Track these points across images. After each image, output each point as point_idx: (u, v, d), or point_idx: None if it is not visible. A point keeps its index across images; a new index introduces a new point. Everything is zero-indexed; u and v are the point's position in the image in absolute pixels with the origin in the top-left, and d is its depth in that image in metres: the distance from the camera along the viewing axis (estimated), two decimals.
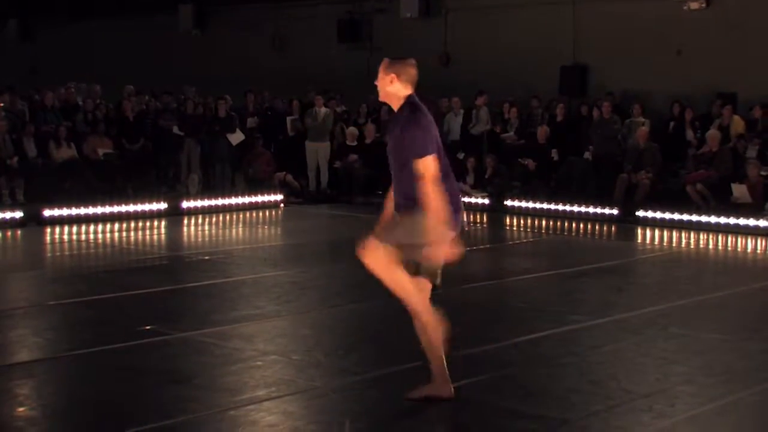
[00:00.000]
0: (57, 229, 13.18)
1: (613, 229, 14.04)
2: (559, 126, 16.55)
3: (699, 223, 13.63)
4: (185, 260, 11.28)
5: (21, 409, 5.67)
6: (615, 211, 14.53)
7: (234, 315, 8.05)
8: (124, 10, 23.88)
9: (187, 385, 6.03)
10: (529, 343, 7.24)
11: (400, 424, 5.51)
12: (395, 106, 5.68)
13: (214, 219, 14.69)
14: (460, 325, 7.90)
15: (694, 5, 16.47)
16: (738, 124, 15.17)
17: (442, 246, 5.59)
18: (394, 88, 5.65)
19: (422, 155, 5.44)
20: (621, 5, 17.37)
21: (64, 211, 13.71)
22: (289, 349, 7.04)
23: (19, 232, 13.01)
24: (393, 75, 5.63)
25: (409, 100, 5.64)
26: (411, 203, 5.55)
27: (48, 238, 12.77)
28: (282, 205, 16.09)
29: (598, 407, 5.68)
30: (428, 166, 5.43)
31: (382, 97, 5.74)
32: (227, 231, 13.96)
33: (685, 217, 13.80)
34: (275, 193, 16.18)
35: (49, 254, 12.15)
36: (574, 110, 17.15)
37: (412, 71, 5.67)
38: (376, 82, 5.71)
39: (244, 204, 15.60)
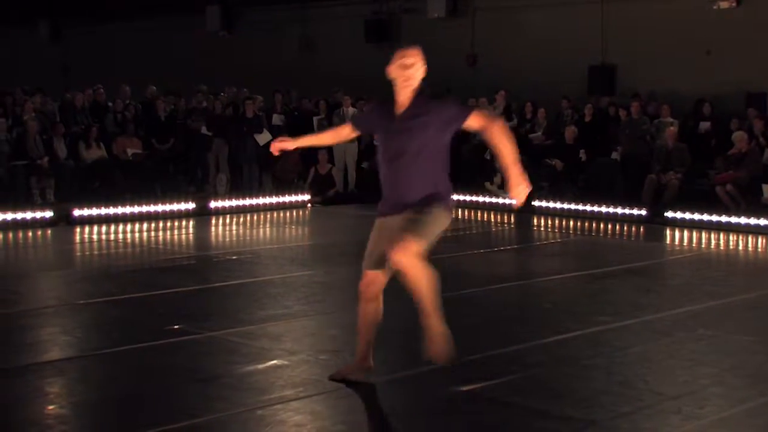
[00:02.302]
0: (87, 229, 13.28)
1: (641, 229, 13.96)
2: (587, 126, 16.48)
3: (729, 224, 13.53)
4: (213, 260, 11.33)
5: (51, 407, 5.71)
6: (643, 212, 14.45)
7: (262, 314, 8.08)
8: (152, 12, 24.01)
9: (215, 384, 6.06)
10: (556, 344, 7.21)
11: (426, 423, 5.50)
12: (407, 96, 5.76)
13: (241, 219, 14.74)
14: (487, 325, 7.93)
15: (724, 5, 16.35)
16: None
17: None
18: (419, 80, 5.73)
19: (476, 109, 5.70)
20: (650, 5, 17.28)
21: (94, 211, 13.82)
22: (316, 348, 7.05)
23: (49, 231, 13.12)
24: (425, 68, 5.75)
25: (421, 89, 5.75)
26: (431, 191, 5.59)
27: (78, 237, 12.88)
28: (309, 205, 16.14)
29: (627, 408, 5.65)
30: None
31: (408, 85, 5.76)
32: (255, 231, 14.01)
33: (715, 218, 13.70)
34: (303, 193, 16.23)
35: (78, 254, 12.24)
36: (603, 110, 17.07)
37: None
38: (409, 70, 5.74)
39: (271, 204, 15.66)
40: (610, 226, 14.16)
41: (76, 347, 7.14)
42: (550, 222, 14.73)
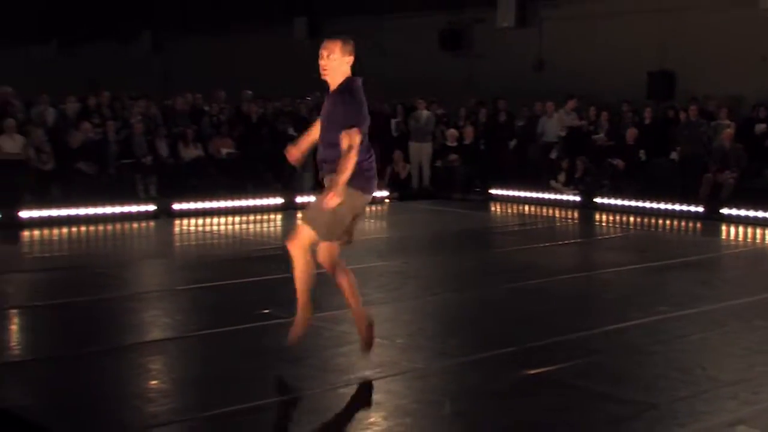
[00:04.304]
0: (185, 221, 13.47)
1: (698, 225, 13.67)
2: (647, 128, 16.21)
3: None
4: None
5: (154, 382, 5.81)
6: (700, 209, 14.15)
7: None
8: (245, 23, 24.26)
9: (301, 364, 6.09)
10: (618, 332, 7.10)
11: (496, 404, 5.46)
12: (335, 84, 5.68)
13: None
14: (553, 313, 7.85)
15: None
16: None
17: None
18: (346, 68, 5.71)
19: (350, 127, 5.49)
20: (707, 14, 16.89)
21: (192, 205, 14.01)
22: (393, 333, 7.04)
23: (152, 223, 13.35)
24: (350, 56, 5.71)
25: (351, 80, 5.71)
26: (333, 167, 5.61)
27: (177, 229, 13.06)
28: (387, 200, 16.15)
29: (685, 393, 5.54)
30: (355, 138, 5.48)
31: (328, 75, 5.69)
32: None
33: None
34: (380, 188, 16.25)
35: (178, 244, 12.43)
36: (661, 113, 16.77)
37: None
38: (322, 61, 5.66)
39: None
40: (668, 222, 13.90)
41: (176, 329, 7.25)
42: (611, 218, 14.51)
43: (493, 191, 16.59)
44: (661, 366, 6.15)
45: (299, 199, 15.10)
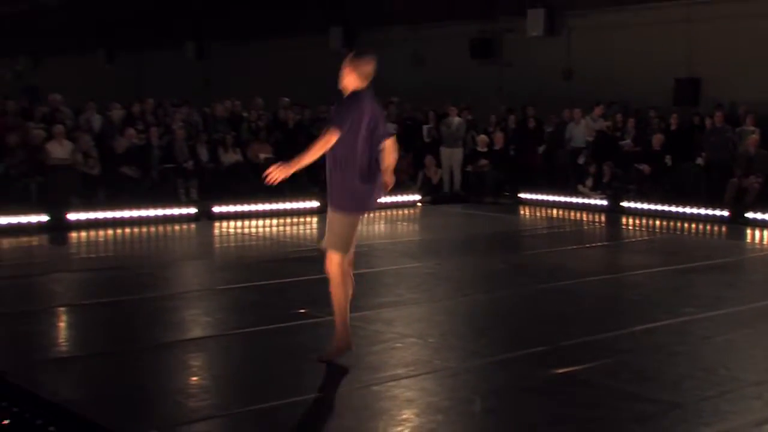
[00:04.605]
0: (224, 224, 13.55)
1: (723, 229, 13.53)
2: (673, 134, 16.07)
3: None
4: None
5: (194, 378, 5.85)
6: (725, 213, 14.00)
7: (376, 301, 8.10)
8: (282, 32, 24.35)
9: (335, 362, 6.09)
10: (644, 333, 7.04)
11: (525, 402, 5.44)
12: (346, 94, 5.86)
13: (359, 216, 14.78)
14: (581, 314, 7.80)
15: None
16: None
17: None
18: (349, 80, 5.83)
19: (329, 126, 5.83)
20: (732, 22, 16.71)
21: (231, 208, 14.10)
22: (425, 332, 7.04)
23: (193, 226, 13.44)
24: (350, 69, 5.81)
25: (354, 92, 5.82)
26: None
27: (217, 231, 13.14)
28: (419, 204, 16.14)
29: (710, 393, 5.48)
30: (329, 135, 5.84)
31: (340, 86, 5.90)
32: (370, 227, 14.07)
33: None
34: (413, 193, 16.26)
35: (217, 245, 12.49)
36: (687, 120, 16.61)
37: (367, 69, 5.85)
38: (341, 81, 5.87)
39: (385, 203, 15.68)
40: (694, 226, 13.77)
41: (216, 327, 7.30)
42: (638, 221, 14.40)
43: (522, 195, 16.53)
44: (687, 366, 6.09)
45: None
